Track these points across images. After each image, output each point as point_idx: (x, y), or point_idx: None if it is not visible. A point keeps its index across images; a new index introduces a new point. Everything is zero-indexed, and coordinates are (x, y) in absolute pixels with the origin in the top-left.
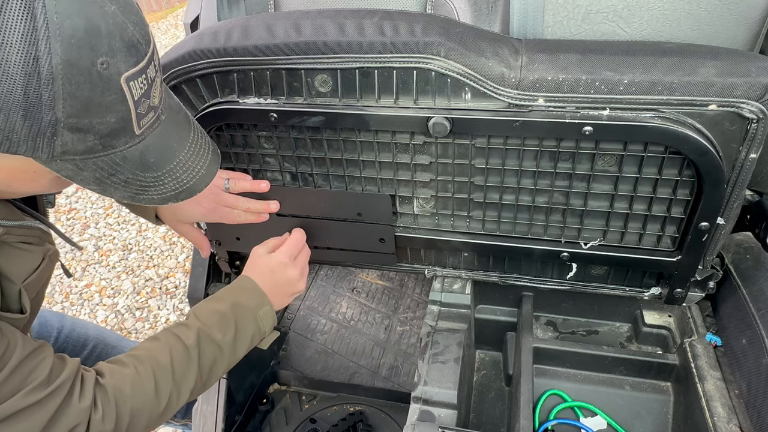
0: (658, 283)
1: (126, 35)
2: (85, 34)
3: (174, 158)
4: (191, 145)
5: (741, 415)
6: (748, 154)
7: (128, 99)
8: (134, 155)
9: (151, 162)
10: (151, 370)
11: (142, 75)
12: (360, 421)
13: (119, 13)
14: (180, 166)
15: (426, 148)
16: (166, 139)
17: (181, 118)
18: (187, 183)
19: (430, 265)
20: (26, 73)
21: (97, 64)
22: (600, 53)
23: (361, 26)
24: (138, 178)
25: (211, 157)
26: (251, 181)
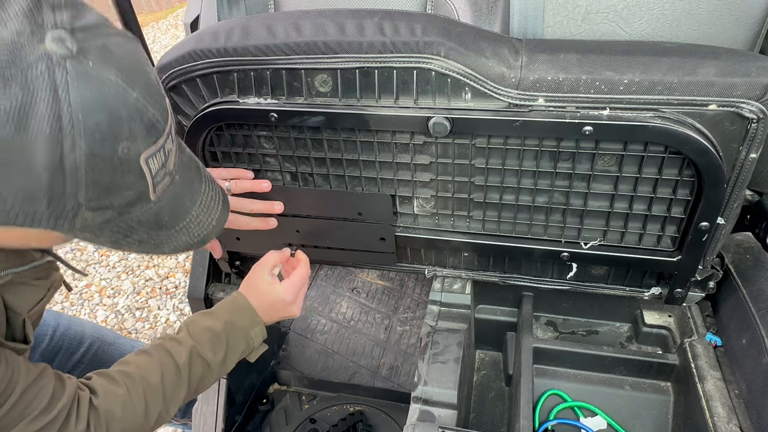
0: (658, 283)
1: (146, 118)
2: (108, 126)
3: (187, 215)
4: (203, 199)
5: (741, 415)
6: (748, 154)
7: (147, 175)
8: (149, 218)
9: (165, 221)
10: (143, 391)
11: (160, 150)
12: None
13: (141, 98)
14: (193, 221)
15: (426, 148)
16: (180, 198)
17: (194, 174)
18: (199, 236)
19: (430, 265)
20: (52, 169)
21: (119, 150)
22: (600, 53)
23: (361, 26)
24: (152, 237)
25: (221, 208)
26: (252, 181)
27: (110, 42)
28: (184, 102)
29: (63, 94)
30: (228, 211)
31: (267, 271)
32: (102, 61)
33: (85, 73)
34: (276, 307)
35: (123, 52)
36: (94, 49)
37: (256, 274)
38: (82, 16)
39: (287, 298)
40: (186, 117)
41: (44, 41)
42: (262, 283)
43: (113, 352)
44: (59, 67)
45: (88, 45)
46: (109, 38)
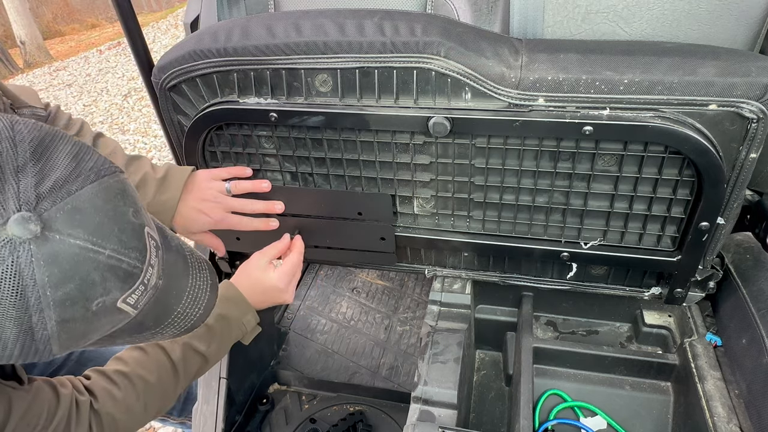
0: (658, 283)
1: (121, 270)
2: (79, 292)
3: (171, 313)
4: (189, 293)
5: (741, 415)
6: (748, 153)
7: (126, 310)
8: (131, 327)
9: (148, 325)
10: (142, 392)
11: (139, 287)
12: (360, 421)
13: (114, 253)
14: (178, 317)
15: (426, 148)
16: (164, 301)
17: (180, 269)
18: (186, 327)
19: (430, 265)
20: (21, 341)
21: (92, 308)
22: (600, 53)
23: (361, 26)
24: (136, 339)
25: (209, 295)
26: (252, 181)
27: (80, 199)
28: (184, 102)
29: (28, 276)
30: (216, 295)
31: (265, 260)
32: (70, 227)
33: (51, 250)
34: (268, 294)
35: (94, 205)
36: (62, 217)
37: (253, 261)
38: (50, 170)
39: (279, 285)
40: (186, 117)
41: (6, 226)
42: (257, 271)
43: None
44: (23, 251)
45: (55, 214)
46: (80, 193)
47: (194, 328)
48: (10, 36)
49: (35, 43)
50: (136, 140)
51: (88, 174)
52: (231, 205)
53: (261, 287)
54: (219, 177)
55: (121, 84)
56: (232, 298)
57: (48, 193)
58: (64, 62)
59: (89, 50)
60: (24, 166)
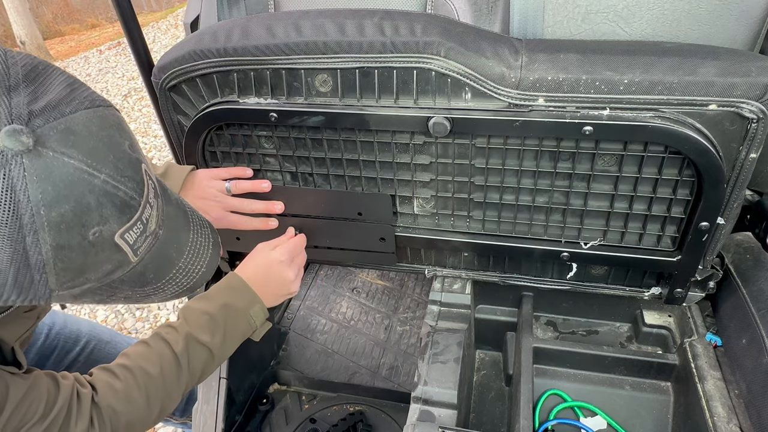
0: (658, 283)
1: (118, 199)
2: (74, 216)
3: (174, 267)
4: (191, 248)
5: (741, 415)
6: (748, 153)
7: (124, 248)
8: (132, 277)
9: (149, 278)
10: (143, 383)
11: (137, 224)
12: (360, 421)
13: (110, 179)
14: (180, 272)
15: (426, 148)
16: (165, 252)
17: (180, 223)
18: (188, 284)
19: (430, 265)
20: (16, 265)
21: (89, 236)
22: (600, 53)
23: (361, 26)
24: (137, 293)
25: (211, 253)
26: (252, 181)
27: (74, 121)
28: (184, 102)
29: (21, 191)
30: (219, 253)
31: (269, 246)
32: (64, 146)
33: (44, 166)
34: (275, 281)
35: (89, 129)
36: (55, 135)
37: (258, 250)
38: (43, 93)
39: (282, 258)
40: (186, 117)
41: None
42: (260, 254)
43: (110, 351)
44: (15, 164)
45: (48, 131)
46: (74, 116)
47: (197, 286)
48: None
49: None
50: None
51: (83, 101)
52: (230, 205)
53: (263, 268)
54: (219, 177)
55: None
56: (236, 287)
57: (41, 111)
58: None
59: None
60: (16, 86)
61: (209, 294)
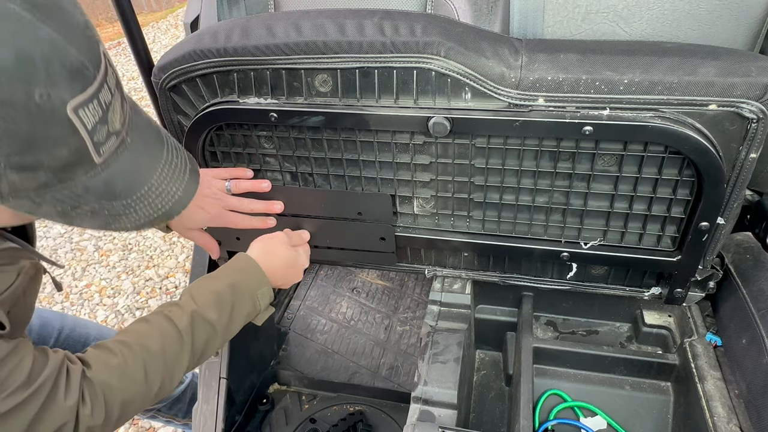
0: (658, 283)
1: (68, 60)
2: (15, 66)
3: (145, 183)
4: (165, 166)
5: (741, 415)
6: (748, 153)
7: (80, 129)
8: (97, 185)
9: (118, 190)
10: (141, 359)
11: (93, 101)
12: (360, 421)
13: (57, 36)
14: (153, 191)
15: (426, 148)
16: (134, 164)
17: (152, 136)
18: (164, 207)
19: (430, 265)
20: None
21: (34, 96)
22: (600, 53)
23: (361, 26)
24: (105, 207)
25: (188, 178)
26: (252, 181)
27: None
28: (184, 102)
29: None
30: (197, 182)
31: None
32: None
33: None
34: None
35: None
36: None
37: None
38: None
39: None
40: (186, 117)
41: None
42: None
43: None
44: None
45: None
46: None
47: (174, 213)
48: None
49: None
50: None
51: None
52: (229, 203)
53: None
54: (219, 176)
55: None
56: (246, 267)
57: None
58: None
59: None
60: None
61: (217, 273)
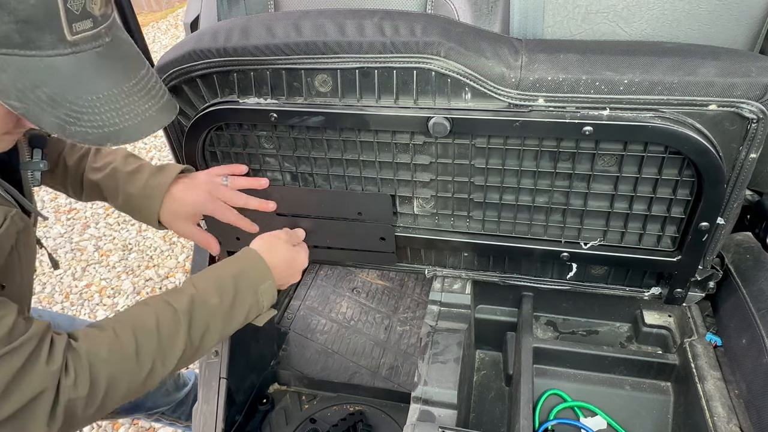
0: (658, 283)
1: None
2: None
3: (116, 85)
4: (141, 81)
5: (741, 415)
6: (748, 154)
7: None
8: (64, 66)
9: (84, 81)
10: (132, 333)
11: None
12: (360, 421)
13: None
14: (123, 97)
15: (426, 148)
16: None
17: (132, 53)
18: (131, 120)
19: (430, 265)
20: None
21: None
22: (600, 53)
23: (361, 26)
24: (68, 97)
25: (165, 102)
26: (250, 178)
27: None
28: (184, 102)
29: None
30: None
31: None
32: None
33: None
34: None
35: None
36: None
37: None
38: None
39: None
40: (186, 117)
41: None
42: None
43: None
44: None
45: None
46: None
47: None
48: None
49: None
50: None
51: None
52: (222, 194)
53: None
54: (216, 173)
55: None
56: (250, 258)
57: None
58: None
59: None
60: None
61: (220, 263)
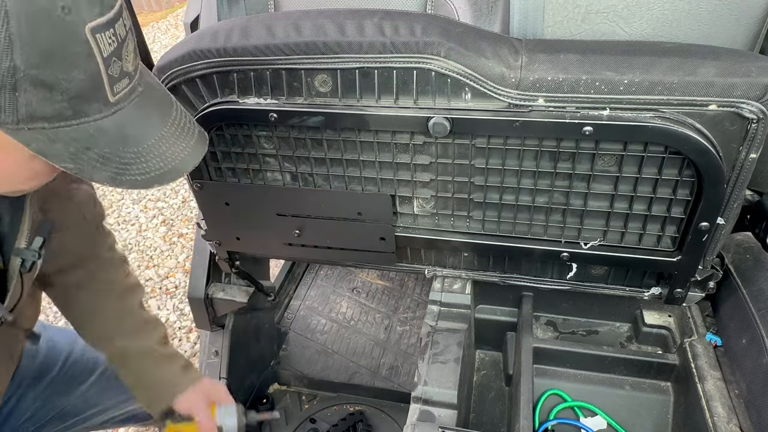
0: (658, 283)
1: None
2: None
3: (156, 133)
4: (174, 122)
5: (741, 415)
6: (748, 154)
7: (95, 53)
8: (110, 127)
9: (129, 135)
10: None
11: (110, 29)
12: (360, 421)
13: None
14: (163, 142)
15: (426, 148)
16: (146, 113)
17: (161, 95)
18: (172, 162)
19: (430, 265)
20: None
21: (57, 7)
22: (600, 53)
23: (361, 26)
24: (117, 153)
25: (197, 137)
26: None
27: None
28: (183, 102)
29: None
30: (206, 145)
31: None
32: None
33: None
34: None
35: None
36: None
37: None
38: None
39: None
40: None
41: None
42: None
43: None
44: None
45: None
46: None
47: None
48: None
49: None
50: None
51: None
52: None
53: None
54: None
55: None
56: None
57: None
58: None
59: None
60: None
61: None
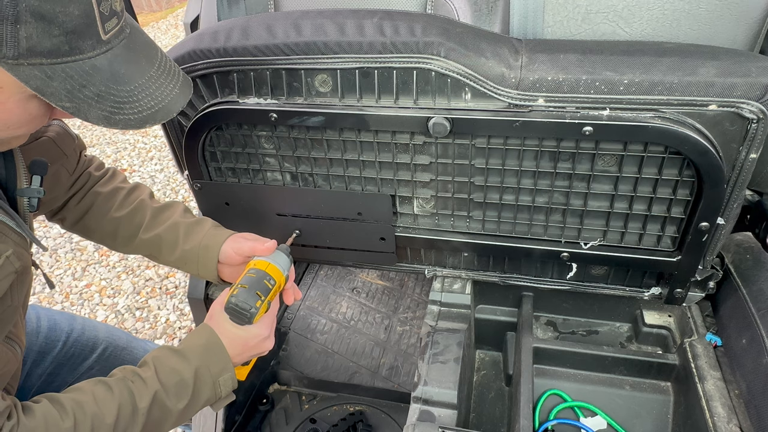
0: (658, 283)
1: None
2: None
3: (145, 72)
4: (161, 65)
5: (741, 415)
6: (748, 154)
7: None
8: (103, 64)
9: (121, 73)
10: (91, 427)
11: None
12: (360, 421)
13: None
14: (153, 82)
15: (426, 148)
16: (135, 53)
17: (146, 39)
18: (163, 101)
19: (430, 265)
20: None
21: None
22: (600, 53)
23: (361, 26)
24: (111, 91)
25: (182, 80)
26: None
27: None
28: None
29: None
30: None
31: None
32: None
33: None
34: (250, 345)
35: None
36: None
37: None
38: None
39: (263, 332)
40: (186, 117)
41: None
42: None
43: (125, 357)
44: None
45: None
46: None
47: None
48: None
49: None
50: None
51: None
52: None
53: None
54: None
55: None
56: (213, 349)
57: None
58: None
59: None
60: None
61: (185, 349)
